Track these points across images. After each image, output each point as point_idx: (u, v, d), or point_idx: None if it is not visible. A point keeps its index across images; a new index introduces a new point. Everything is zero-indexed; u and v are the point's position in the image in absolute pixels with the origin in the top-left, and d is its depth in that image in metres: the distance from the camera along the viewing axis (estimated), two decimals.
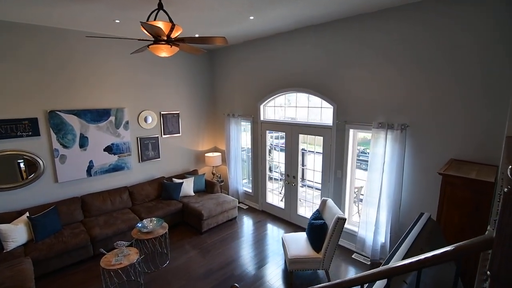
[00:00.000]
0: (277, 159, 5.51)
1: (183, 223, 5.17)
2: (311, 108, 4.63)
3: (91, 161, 4.64)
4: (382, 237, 3.80)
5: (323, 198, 3.90)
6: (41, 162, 4.15)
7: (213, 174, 6.20)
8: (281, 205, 5.36)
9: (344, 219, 3.26)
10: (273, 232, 4.87)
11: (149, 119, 5.30)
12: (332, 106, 4.16)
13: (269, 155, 5.56)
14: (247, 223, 5.19)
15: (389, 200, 3.61)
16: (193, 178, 5.51)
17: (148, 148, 5.35)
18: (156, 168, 5.53)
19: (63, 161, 4.35)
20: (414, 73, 3.29)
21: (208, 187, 5.60)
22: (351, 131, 4.02)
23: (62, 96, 4.26)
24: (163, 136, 5.55)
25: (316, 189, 4.90)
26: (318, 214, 3.71)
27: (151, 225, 3.92)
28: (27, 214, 3.86)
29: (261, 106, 5.30)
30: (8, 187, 3.91)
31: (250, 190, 5.94)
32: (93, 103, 4.58)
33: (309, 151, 5.23)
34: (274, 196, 5.73)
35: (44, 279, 3.62)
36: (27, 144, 4.03)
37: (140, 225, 3.86)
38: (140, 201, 5.02)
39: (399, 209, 3.58)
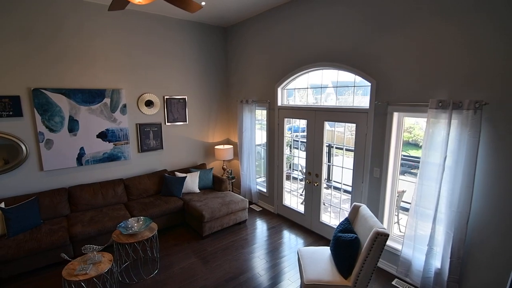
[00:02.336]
0: (296, 154, 4.59)
1: (184, 225, 4.45)
2: (340, 89, 3.66)
3: (82, 148, 4.08)
4: (438, 261, 2.75)
5: (354, 203, 2.93)
6: (23, 147, 3.65)
7: (224, 169, 5.43)
8: (301, 209, 4.43)
9: (386, 236, 2.28)
10: (291, 241, 3.97)
11: (151, 104, 4.66)
12: (369, 84, 3.17)
13: (288, 148, 4.66)
14: (259, 228, 4.34)
15: (452, 212, 2.56)
16: (198, 172, 4.77)
17: (149, 136, 4.71)
18: (158, 160, 4.88)
19: (49, 146, 3.82)
20: (491, 25, 2.22)
21: (216, 184, 4.84)
22: (396, 115, 3.00)
23: (48, 72, 3.73)
24: (167, 123, 4.89)
25: (345, 191, 3.92)
26: (347, 225, 2.75)
27: (137, 225, 3.22)
28: (2, 204, 3.36)
29: (279, 89, 4.41)
30: None
31: (265, 190, 5.08)
32: (85, 82, 4.02)
33: (336, 144, 4.25)
34: (293, 197, 4.81)
35: (10, 282, 3.06)
36: (8, 125, 3.54)
37: (123, 225, 3.18)
38: (136, 196, 4.38)
39: (466, 224, 2.50)
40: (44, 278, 3.13)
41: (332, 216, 4.07)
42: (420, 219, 2.78)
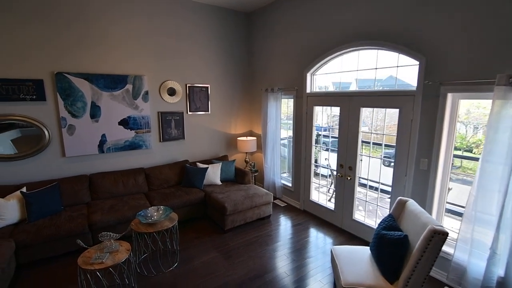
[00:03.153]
0: (326, 146, 4.23)
1: (206, 217, 4.24)
2: (380, 71, 3.27)
3: (103, 135, 3.98)
4: (501, 268, 2.31)
5: (399, 197, 2.55)
6: (46, 132, 3.59)
7: (246, 162, 5.17)
8: (330, 205, 4.07)
9: (445, 234, 1.90)
10: (318, 240, 3.63)
11: (173, 92, 4.49)
12: (417, 62, 2.77)
13: (317, 141, 4.31)
14: (284, 225, 4.03)
15: None
16: (220, 164, 4.55)
17: (170, 125, 4.55)
18: (179, 150, 4.71)
19: (72, 132, 3.75)
20: None
21: (238, 177, 4.58)
22: (450, 97, 2.58)
23: (71, 56, 3.64)
24: (189, 113, 4.71)
25: (384, 185, 3.52)
26: (391, 222, 2.38)
27: (156, 215, 3.03)
28: (23, 189, 3.30)
29: (308, 75, 4.08)
30: (9, 157, 3.41)
31: (290, 184, 4.76)
32: (108, 68, 3.91)
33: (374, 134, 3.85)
34: (321, 193, 4.46)
35: (28, 268, 2.98)
36: (31, 109, 3.49)
37: (142, 213, 3.00)
38: (157, 186, 4.23)
39: None
40: (62, 266, 3.01)
41: (367, 215, 3.67)
42: (479, 221, 2.35)
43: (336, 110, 3.77)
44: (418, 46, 2.74)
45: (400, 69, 3.04)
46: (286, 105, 4.86)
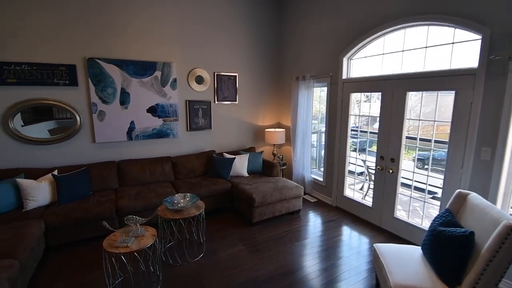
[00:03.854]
0: (363, 137, 3.89)
1: (232, 209, 4.08)
2: (431, 49, 2.90)
3: (132, 122, 3.96)
4: None
5: (458, 190, 2.19)
6: (77, 117, 3.61)
7: (274, 155, 4.94)
8: (367, 202, 3.73)
9: None
10: (352, 238, 3.31)
11: (201, 80, 4.38)
12: (479, 36, 2.39)
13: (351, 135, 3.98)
14: (314, 221, 3.75)
15: None
16: (247, 155, 4.36)
17: (198, 114, 4.45)
18: (205, 140, 4.60)
19: (102, 118, 3.75)
20: None
21: (266, 169, 4.37)
22: None
23: (102, 42, 3.65)
24: (216, 102, 4.58)
25: (432, 186, 3.13)
26: (450, 217, 2.04)
27: (183, 202, 2.90)
28: (55, 172, 3.33)
29: (345, 60, 3.77)
30: (42, 140, 3.47)
31: (321, 179, 4.46)
32: (137, 54, 3.88)
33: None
34: (356, 188, 4.12)
35: (56, 251, 2.98)
36: (64, 94, 3.53)
37: (168, 199, 2.88)
38: (183, 175, 4.14)
39: None
40: (89, 250, 2.98)
41: (411, 214, 3.30)
42: None
43: (365, 109, 3.44)
44: (480, 17, 2.36)
45: (456, 47, 2.66)
46: (318, 95, 4.58)
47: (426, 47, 2.92)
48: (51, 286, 2.42)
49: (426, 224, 3.07)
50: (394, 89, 3.14)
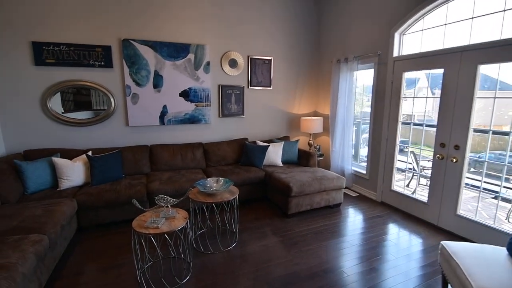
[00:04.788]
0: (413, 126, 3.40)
1: (265, 199, 3.82)
2: (509, 12, 2.39)
3: (165, 106, 3.85)
4: None
5: None
6: (112, 100, 3.57)
7: (310, 145, 4.59)
8: (422, 197, 3.26)
9: None
10: (402, 238, 2.87)
11: (234, 63, 4.17)
12: None
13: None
14: (357, 217, 3.35)
15: None
16: (282, 143, 4.07)
17: (230, 100, 4.24)
18: (237, 127, 4.38)
19: (135, 101, 3.68)
20: None
21: (302, 159, 4.05)
22: None
23: (136, 23, 3.57)
24: (250, 87, 4.34)
25: None
26: None
27: (216, 185, 2.69)
28: (89, 153, 3.30)
29: (397, 35, 3.33)
30: (77, 122, 3.47)
31: (364, 172, 4.03)
32: (170, 35, 3.75)
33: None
34: (405, 182, 3.64)
35: (87, 232, 2.92)
36: (99, 76, 3.50)
37: (201, 183, 2.68)
38: (214, 162, 3.95)
39: None
40: (119, 233, 2.88)
41: (481, 210, 2.79)
42: None
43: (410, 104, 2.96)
44: None
45: None
46: (362, 78, 4.15)
47: (504, 10, 2.41)
48: (81, 267, 2.33)
49: (501, 226, 2.55)
50: (461, 63, 2.66)
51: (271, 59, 4.40)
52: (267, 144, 4.01)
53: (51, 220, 2.23)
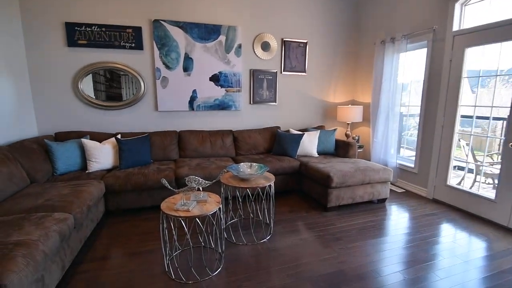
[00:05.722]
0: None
1: (299, 192, 3.51)
2: None
3: (194, 91, 3.68)
4: None
5: None
6: (142, 83, 3.46)
7: (347, 136, 4.21)
8: (489, 193, 2.77)
9: None
10: (460, 242, 2.40)
11: (267, 47, 3.90)
12: None
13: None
14: (405, 214, 2.94)
15: None
16: (318, 132, 3.73)
17: (262, 86, 3.98)
18: (269, 115, 4.11)
19: (165, 85, 3.54)
20: None
21: (340, 149, 3.69)
22: None
23: (167, 2, 3.42)
24: (283, 72, 4.05)
25: None
26: None
27: (250, 171, 2.43)
28: (118, 136, 3.20)
29: (457, 5, 2.88)
30: (107, 105, 3.39)
31: (412, 165, 3.58)
32: (202, 16, 3.57)
33: None
34: (466, 178, 3.16)
35: (115, 215, 2.80)
36: (130, 58, 3.39)
37: (233, 167, 2.44)
38: (244, 151, 3.71)
39: None
40: (146, 219, 2.73)
41: None
42: None
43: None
44: None
45: None
46: (410, 60, 3.70)
47: None
48: (107, 250, 2.18)
49: None
50: None
51: (306, 42, 4.08)
52: (301, 132, 3.70)
53: (78, 199, 2.10)
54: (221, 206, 1.94)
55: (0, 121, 2.60)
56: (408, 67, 3.61)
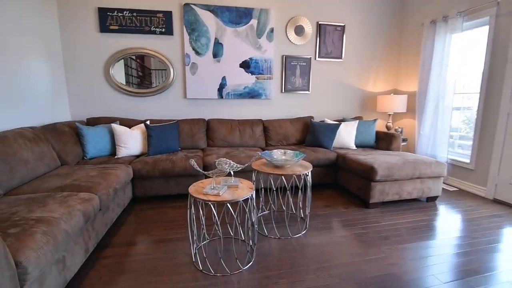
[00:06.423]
0: None
1: (334, 186, 3.22)
2: None
3: (223, 78, 3.52)
4: None
5: None
6: (171, 70, 3.37)
7: (388, 128, 3.83)
8: None
9: None
10: None
11: (301, 31, 3.65)
12: None
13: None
14: (461, 215, 2.53)
15: None
16: (356, 123, 3.41)
17: (295, 73, 3.73)
18: (301, 104, 3.85)
19: (194, 71, 3.43)
20: None
21: (382, 141, 3.34)
22: None
23: None
24: (318, 59, 3.77)
25: None
26: None
27: (285, 157, 2.20)
28: (147, 122, 3.12)
29: None
30: (136, 92, 3.34)
31: (467, 160, 3.14)
32: None
33: None
34: None
35: (142, 202, 2.71)
36: (159, 43, 3.32)
37: (267, 153, 2.23)
38: (275, 141, 3.49)
39: None
40: (173, 207, 2.61)
41: None
42: None
43: None
44: None
45: None
46: (465, 42, 3.25)
47: None
48: (132, 236, 2.06)
49: None
50: None
51: (343, 26, 3.76)
52: (337, 122, 3.40)
53: (105, 181, 2.00)
54: (254, 193, 1.73)
55: (36, 103, 2.62)
56: (463, 49, 3.16)
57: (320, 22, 3.68)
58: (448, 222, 2.37)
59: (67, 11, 3.05)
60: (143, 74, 3.35)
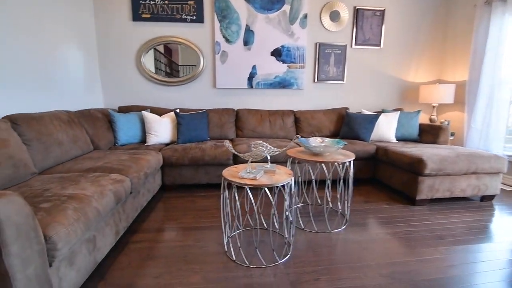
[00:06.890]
0: None
1: (374, 181, 2.98)
2: None
3: (254, 67, 3.40)
4: None
5: None
6: (201, 58, 3.30)
7: (432, 121, 3.49)
8: None
9: None
10: None
11: (337, 16, 3.42)
12: None
13: None
14: None
15: None
16: (397, 114, 3.13)
17: (328, 61, 3.52)
18: (335, 95, 3.62)
19: (224, 60, 3.33)
20: None
21: (426, 134, 3.04)
22: None
23: None
24: (354, 46, 3.52)
25: None
26: None
27: (323, 145, 2.02)
28: (177, 110, 3.07)
29: None
30: (166, 81, 3.30)
31: None
32: None
33: None
34: None
35: (171, 191, 2.65)
36: (190, 31, 3.26)
37: (303, 140, 2.06)
38: (307, 133, 3.30)
39: None
40: (202, 196, 2.51)
41: None
42: None
43: None
44: None
45: None
46: None
47: None
48: (162, 223, 1.99)
49: None
50: None
51: (383, 10, 3.48)
52: (376, 113, 3.14)
53: (136, 165, 1.95)
54: (292, 179, 1.58)
55: (71, 89, 2.65)
56: None
57: (357, 7, 3.43)
58: (504, 222, 2.05)
59: (101, 0, 3.08)
60: (170, 71, 3.31)
